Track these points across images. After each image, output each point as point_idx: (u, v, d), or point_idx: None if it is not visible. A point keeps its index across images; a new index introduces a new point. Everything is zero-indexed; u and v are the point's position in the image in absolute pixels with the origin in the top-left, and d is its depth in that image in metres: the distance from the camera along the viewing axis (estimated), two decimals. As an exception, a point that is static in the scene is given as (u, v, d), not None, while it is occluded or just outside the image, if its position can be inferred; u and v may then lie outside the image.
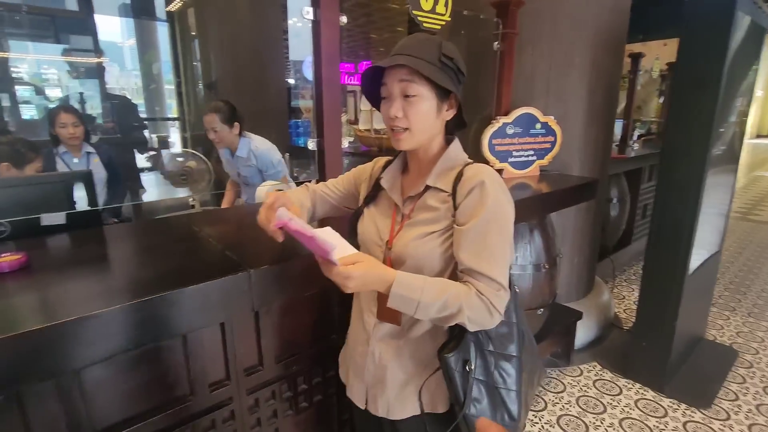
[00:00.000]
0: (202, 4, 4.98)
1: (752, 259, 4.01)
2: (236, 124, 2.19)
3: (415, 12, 1.57)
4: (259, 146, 2.25)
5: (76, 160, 2.28)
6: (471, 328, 0.79)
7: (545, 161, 2.17)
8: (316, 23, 1.29)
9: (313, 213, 1.05)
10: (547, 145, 2.16)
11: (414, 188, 0.88)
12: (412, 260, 0.84)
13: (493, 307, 0.77)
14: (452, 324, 0.79)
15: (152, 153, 5.43)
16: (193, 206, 2.60)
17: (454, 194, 0.83)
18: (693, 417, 1.95)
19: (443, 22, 1.69)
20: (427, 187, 0.86)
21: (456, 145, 0.90)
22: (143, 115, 6.50)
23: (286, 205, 0.86)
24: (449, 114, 0.86)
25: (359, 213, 0.96)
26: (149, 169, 4.96)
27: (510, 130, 2.04)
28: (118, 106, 5.39)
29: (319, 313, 1.13)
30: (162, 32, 7.07)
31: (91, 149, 2.34)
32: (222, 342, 0.96)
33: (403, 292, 0.75)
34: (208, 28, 4.87)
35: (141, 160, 4.89)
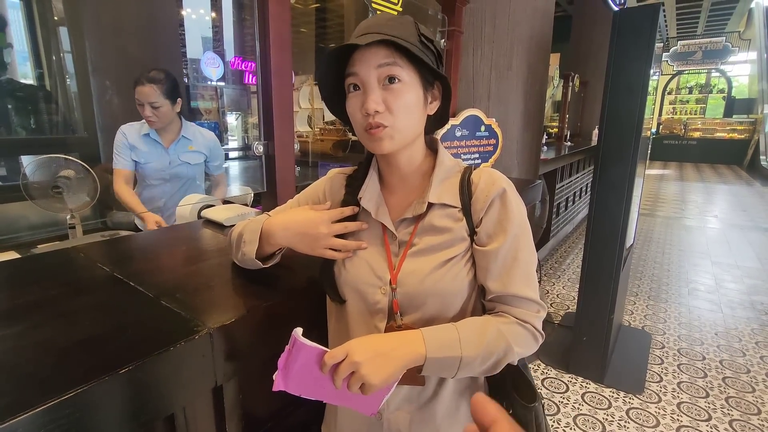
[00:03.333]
0: (72, -18, 4.15)
1: (639, 247, 4.60)
2: (179, 100, 1.79)
3: (369, -2, 1.38)
4: (208, 132, 1.92)
5: None
6: (515, 361, 0.65)
7: (489, 164, 2.14)
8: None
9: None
10: (490, 148, 2.14)
11: (406, 207, 0.70)
12: (435, 299, 0.65)
13: (537, 331, 0.65)
14: (497, 371, 0.63)
15: None
16: (72, 227, 2.05)
17: (465, 209, 0.67)
18: (632, 403, 2.07)
19: (395, 13, 1.53)
20: (430, 205, 0.68)
21: (442, 147, 0.74)
22: (-9, 114, 5.24)
23: None
24: (433, 107, 0.69)
25: None
26: None
27: (458, 133, 1.96)
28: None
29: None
30: (15, 14, 5.79)
31: None
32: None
33: (440, 354, 0.57)
34: (83, 11, 4.05)
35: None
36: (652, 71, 1.82)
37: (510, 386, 0.70)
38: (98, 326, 0.61)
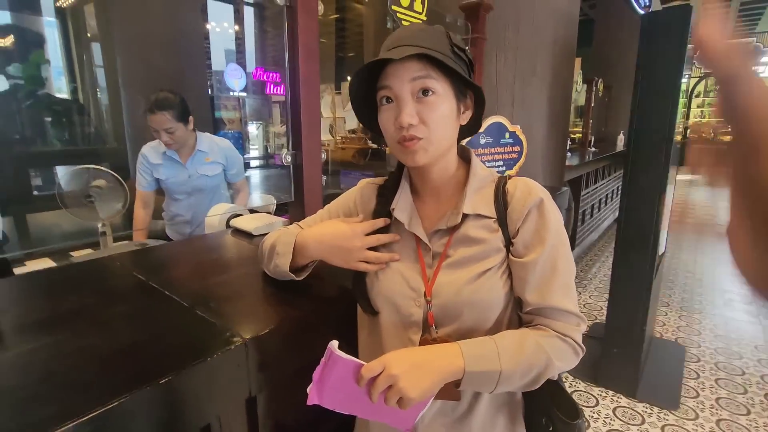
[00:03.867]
0: (105, 1, 4.33)
1: (669, 255, 4.44)
2: (190, 118, 1.81)
3: (394, 7, 1.39)
4: (223, 140, 1.93)
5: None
6: (555, 376, 0.63)
7: (513, 171, 2.11)
8: (291, 10, 1.04)
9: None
10: (515, 155, 2.10)
11: (439, 218, 0.69)
12: (471, 310, 0.63)
13: (577, 345, 0.63)
14: (537, 386, 0.61)
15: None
16: (103, 234, 2.12)
17: (501, 219, 0.66)
18: (667, 420, 1.98)
19: (419, 21, 1.53)
20: (465, 216, 0.66)
21: (475, 157, 0.73)
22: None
23: None
24: (465, 117, 0.69)
25: None
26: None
27: (482, 140, 1.94)
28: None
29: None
30: (51, 32, 6.09)
31: None
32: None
33: (479, 368, 0.56)
34: (114, 28, 4.22)
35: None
36: (683, 74, 1.76)
37: (549, 402, 0.68)
38: (137, 335, 0.62)
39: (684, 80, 1.95)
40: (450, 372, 0.56)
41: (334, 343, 0.54)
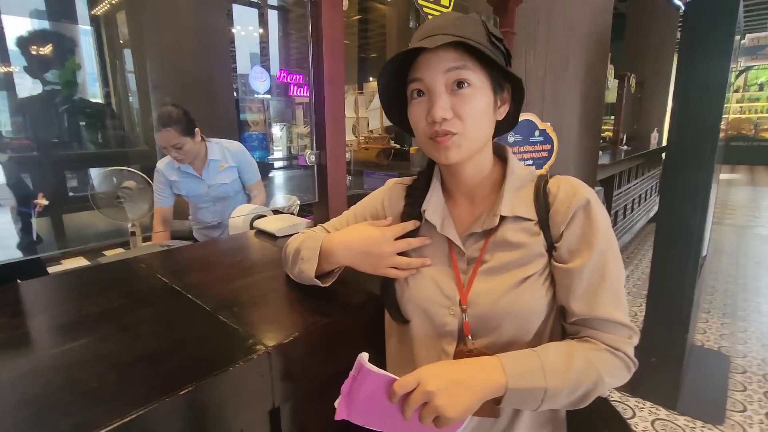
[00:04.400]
0: (137, 9, 4.46)
1: (708, 259, 4.21)
2: (197, 130, 1.80)
3: (420, 2, 1.34)
4: (233, 144, 1.91)
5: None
6: (606, 394, 0.58)
7: (543, 171, 2.02)
8: (315, 5, 1.01)
9: None
10: (545, 154, 2.02)
11: (474, 220, 0.64)
12: (511, 321, 0.58)
13: (630, 360, 0.58)
14: (585, 405, 0.55)
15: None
16: (133, 234, 2.16)
17: (543, 222, 0.60)
18: (712, 435, 1.86)
19: (446, 16, 1.48)
20: (502, 218, 0.61)
21: (512, 155, 0.67)
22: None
23: None
24: (502, 111, 0.63)
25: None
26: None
27: (511, 138, 1.86)
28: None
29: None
30: (85, 39, 6.33)
31: None
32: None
33: (522, 385, 0.51)
34: (145, 34, 4.34)
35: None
36: (731, 66, 1.65)
37: (597, 420, 0.62)
38: (158, 342, 0.60)
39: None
40: (491, 389, 0.51)
41: (364, 356, 0.50)
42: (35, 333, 0.64)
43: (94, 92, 6.33)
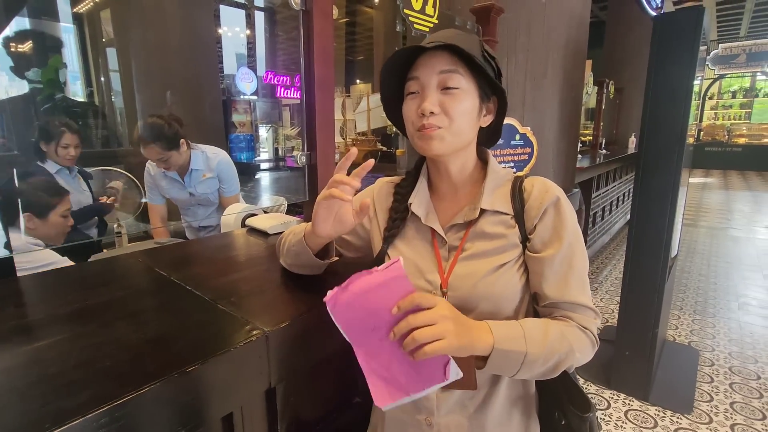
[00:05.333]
0: (122, 7, 4.42)
1: (682, 259, 4.38)
2: (182, 141, 1.82)
3: (406, 11, 1.41)
4: (217, 155, 1.92)
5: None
6: (573, 367, 0.65)
7: (524, 173, 2.11)
8: (307, 14, 1.07)
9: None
10: (525, 157, 2.11)
11: (456, 213, 0.71)
12: (487, 303, 0.65)
13: (595, 338, 0.65)
14: (555, 375, 0.62)
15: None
16: (119, 234, 2.17)
17: (518, 216, 0.68)
18: (681, 423, 1.96)
19: (431, 25, 1.55)
20: (482, 211, 0.68)
21: (493, 158, 0.75)
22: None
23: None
24: (487, 120, 0.71)
25: (383, 253, 0.74)
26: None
27: (493, 142, 1.95)
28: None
29: (337, 373, 0.89)
30: (68, 37, 6.23)
31: None
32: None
33: (506, 347, 0.57)
34: (130, 33, 4.31)
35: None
36: (696, 76, 1.76)
37: (562, 396, 0.69)
38: (163, 327, 0.65)
39: (697, 82, 1.94)
40: (481, 344, 0.57)
41: (403, 260, 0.53)
42: (44, 321, 0.68)
43: (76, 91, 6.23)
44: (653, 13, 4.04)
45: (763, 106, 14.03)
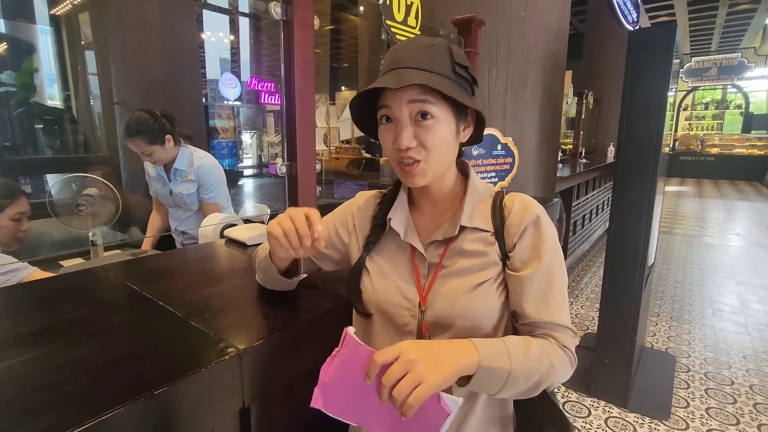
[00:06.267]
0: (101, 10, 4.33)
1: (659, 266, 4.49)
2: (167, 137, 1.80)
3: (388, 22, 1.42)
4: (202, 159, 1.89)
5: None
6: (553, 386, 0.64)
7: (506, 182, 2.13)
8: (287, 24, 1.06)
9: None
10: (507, 167, 2.13)
11: (435, 229, 0.70)
12: (465, 321, 0.64)
13: (574, 357, 0.64)
14: (537, 393, 0.61)
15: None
16: (94, 243, 2.10)
17: (498, 233, 0.67)
18: (658, 429, 1.99)
19: (413, 36, 1.56)
20: (462, 228, 0.68)
21: (473, 172, 0.74)
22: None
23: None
24: (466, 134, 0.70)
25: (360, 269, 0.72)
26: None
27: (475, 151, 1.96)
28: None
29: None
30: (44, 39, 6.08)
31: None
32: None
33: (492, 364, 0.55)
34: (109, 36, 4.22)
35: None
36: (669, 89, 1.81)
37: (541, 416, 0.69)
38: (131, 346, 0.62)
39: (671, 94, 2.00)
40: (466, 364, 0.54)
41: (351, 329, 0.50)
42: (3, 341, 0.64)
43: (53, 95, 6.06)
44: (630, 28, 4.17)
45: (733, 118, 14.59)
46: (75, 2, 6.06)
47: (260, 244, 0.90)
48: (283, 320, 0.72)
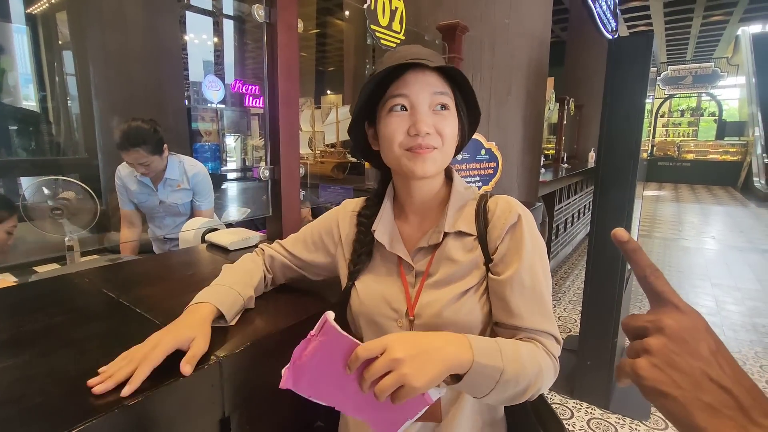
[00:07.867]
0: (79, 9, 4.23)
1: (637, 268, 4.58)
2: (164, 146, 1.77)
3: (373, 27, 1.42)
4: (195, 166, 1.86)
5: None
6: (534, 395, 0.61)
7: (489, 187, 2.16)
8: (271, 27, 1.06)
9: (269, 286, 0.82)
10: (491, 171, 2.16)
11: (421, 236, 0.70)
12: (452, 329, 0.63)
13: (557, 363, 0.63)
14: (523, 399, 0.59)
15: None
16: (71, 248, 2.04)
17: (482, 237, 0.67)
18: (639, 430, 2.03)
19: (398, 41, 1.57)
20: (446, 234, 0.67)
21: (457, 175, 0.74)
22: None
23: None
24: (459, 138, 0.71)
25: (348, 289, 0.72)
26: None
27: (459, 156, 1.98)
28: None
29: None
30: (20, 38, 5.91)
31: None
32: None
33: (485, 361, 0.52)
34: (88, 36, 4.12)
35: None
36: (647, 96, 1.86)
37: (534, 420, 0.68)
38: (107, 355, 0.60)
39: (649, 101, 2.05)
40: (458, 361, 0.51)
41: (330, 314, 0.48)
42: (-32, 351, 0.61)
43: (28, 95, 5.89)
44: (609, 36, 4.28)
45: (707, 125, 15.09)
46: (52, 1, 5.92)
47: (243, 249, 0.88)
48: (265, 326, 0.70)
